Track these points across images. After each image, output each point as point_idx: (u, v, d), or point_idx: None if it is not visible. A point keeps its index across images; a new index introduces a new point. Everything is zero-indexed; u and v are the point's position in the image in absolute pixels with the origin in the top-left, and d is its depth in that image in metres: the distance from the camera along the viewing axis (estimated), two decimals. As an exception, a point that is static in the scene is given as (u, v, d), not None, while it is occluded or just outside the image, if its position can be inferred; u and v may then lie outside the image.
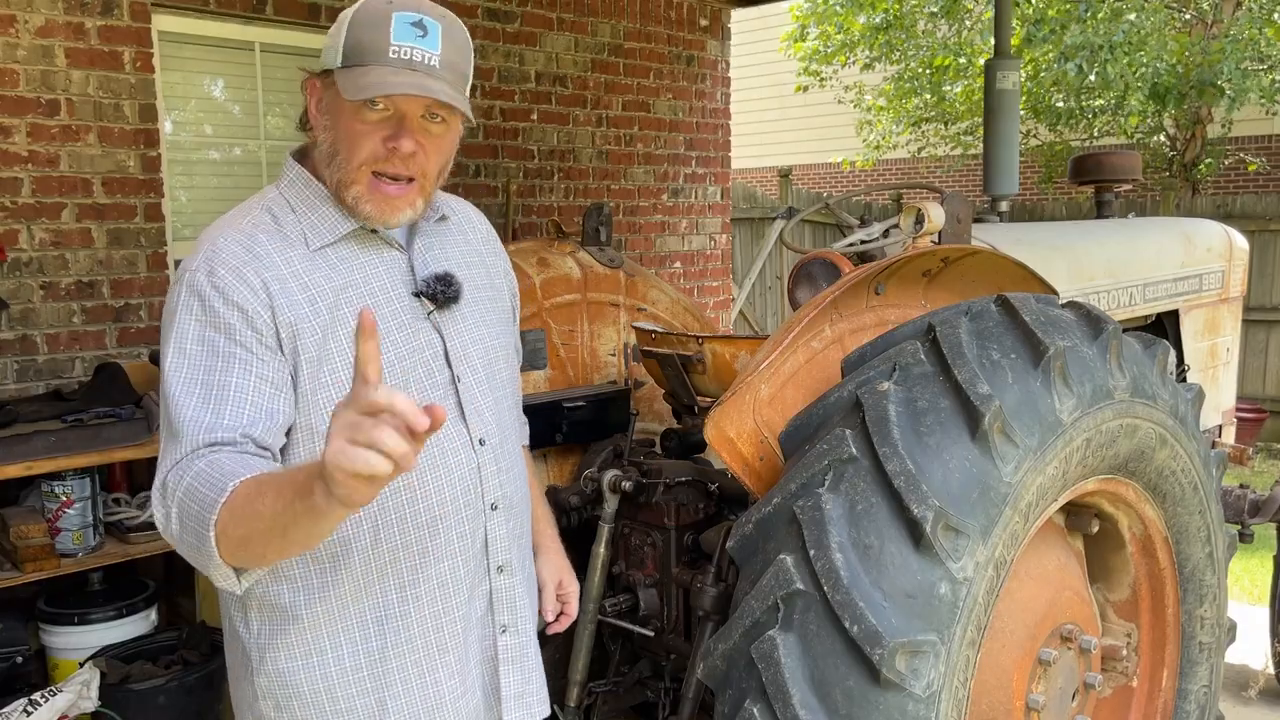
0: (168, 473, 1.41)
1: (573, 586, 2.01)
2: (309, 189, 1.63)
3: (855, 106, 12.81)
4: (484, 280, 1.80)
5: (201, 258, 1.54)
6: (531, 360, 2.80)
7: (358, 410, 1.11)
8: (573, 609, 2.01)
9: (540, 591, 1.94)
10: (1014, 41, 8.62)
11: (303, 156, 1.68)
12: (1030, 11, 9.94)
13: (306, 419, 1.55)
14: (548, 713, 1.85)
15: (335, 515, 1.21)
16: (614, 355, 3.22)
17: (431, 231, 1.74)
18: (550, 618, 1.96)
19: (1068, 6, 9.79)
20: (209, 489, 1.32)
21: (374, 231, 1.63)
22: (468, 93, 1.62)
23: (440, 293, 1.65)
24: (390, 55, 1.50)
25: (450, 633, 1.67)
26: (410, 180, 1.58)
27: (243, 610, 1.63)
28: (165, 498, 1.40)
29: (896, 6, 11.43)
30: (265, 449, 1.48)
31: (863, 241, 2.69)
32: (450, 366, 1.67)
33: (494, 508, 1.71)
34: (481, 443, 1.69)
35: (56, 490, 3.42)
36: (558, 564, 1.99)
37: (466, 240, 1.82)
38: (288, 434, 1.55)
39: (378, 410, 1.10)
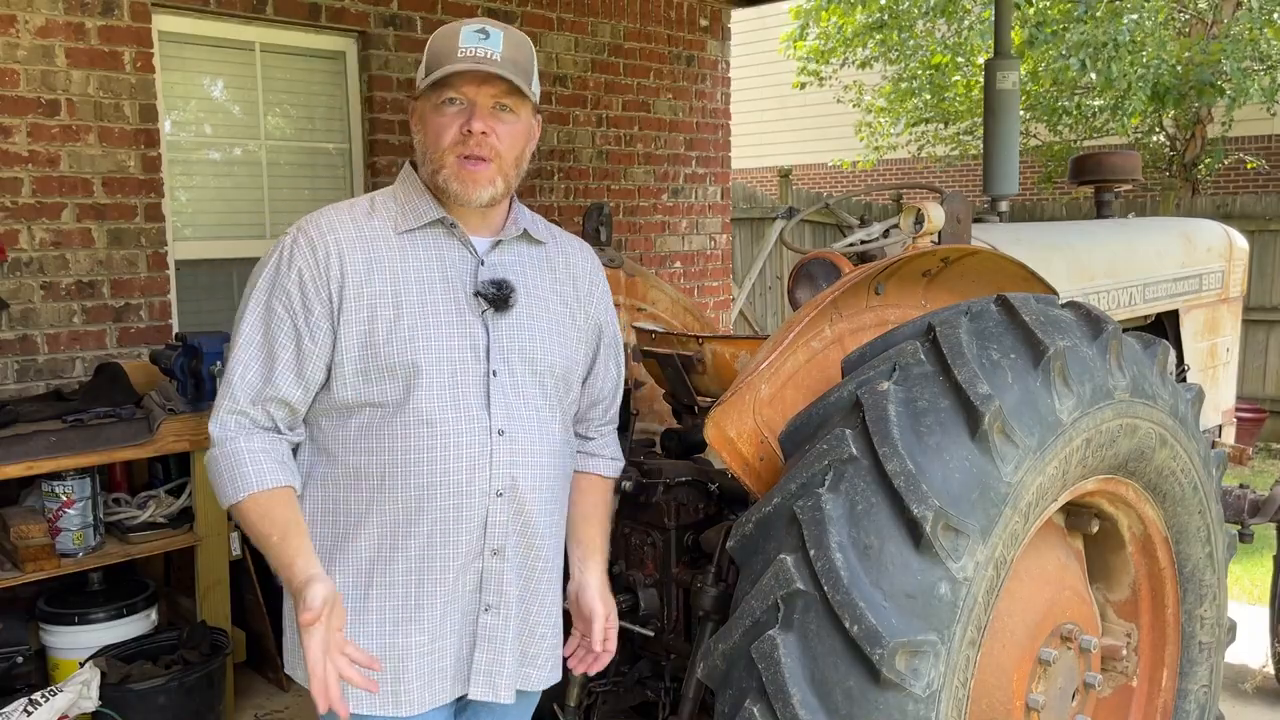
0: (224, 414, 1.77)
1: (615, 621, 2.04)
2: (412, 185, 1.89)
3: (855, 106, 12.80)
4: (559, 308, 1.95)
5: (299, 222, 1.83)
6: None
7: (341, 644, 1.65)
8: (613, 645, 2.03)
9: (591, 623, 1.99)
10: (1015, 41, 8.62)
11: (415, 166, 1.92)
12: (1032, 13, 9.92)
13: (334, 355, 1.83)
14: (512, 700, 1.91)
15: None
16: (614, 355, 3.21)
17: (516, 250, 1.92)
18: (599, 649, 1.99)
19: (1068, 6, 9.79)
20: (250, 478, 1.74)
21: (454, 227, 1.85)
22: (534, 88, 1.83)
23: (493, 295, 1.83)
24: (458, 55, 1.76)
25: (430, 592, 1.81)
26: (488, 161, 1.80)
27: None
28: (218, 436, 1.77)
29: (891, 4, 11.42)
30: (295, 411, 1.81)
31: (863, 241, 2.69)
32: (488, 361, 1.82)
33: (499, 494, 1.82)
34: (500, 433, 1.82)
35: (57, 490, 3.42)
36: (609, 597, 2.03)
37: (554, 271, 1.97)
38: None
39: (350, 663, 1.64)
